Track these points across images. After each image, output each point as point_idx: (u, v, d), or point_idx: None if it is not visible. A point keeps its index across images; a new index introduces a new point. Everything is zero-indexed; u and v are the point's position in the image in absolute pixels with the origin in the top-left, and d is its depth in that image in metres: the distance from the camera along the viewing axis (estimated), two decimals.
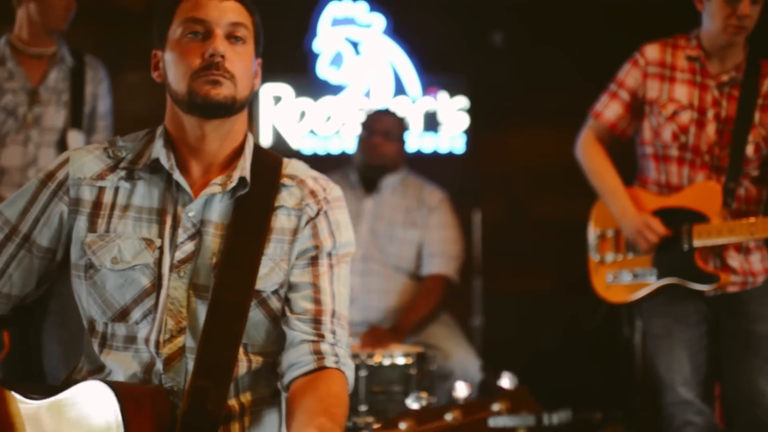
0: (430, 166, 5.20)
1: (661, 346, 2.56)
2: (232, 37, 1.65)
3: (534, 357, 5.01)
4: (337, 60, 5.22)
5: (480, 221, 4.38)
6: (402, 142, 3.43)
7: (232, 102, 1.64)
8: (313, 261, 1.69)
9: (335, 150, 5.06)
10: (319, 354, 1.62)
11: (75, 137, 3.02)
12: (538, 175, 5.13)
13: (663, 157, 2.55)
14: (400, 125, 3.49)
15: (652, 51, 2.60)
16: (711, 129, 2.49)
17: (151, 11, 1.84)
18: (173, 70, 1.66)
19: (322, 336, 1.64)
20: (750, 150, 2.47)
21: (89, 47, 3.61)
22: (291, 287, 1.68)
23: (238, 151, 1.71)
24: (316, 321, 1.65)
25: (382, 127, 3.38)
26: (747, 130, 2.47)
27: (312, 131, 5.24)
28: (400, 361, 2.64)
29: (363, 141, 3.53)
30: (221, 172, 1.68)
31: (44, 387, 1.70)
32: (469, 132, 5.16)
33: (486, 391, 3.81)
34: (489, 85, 5.27)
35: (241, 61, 1.66)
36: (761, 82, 2.51)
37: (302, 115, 5.27)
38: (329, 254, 1.70)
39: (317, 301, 1.66)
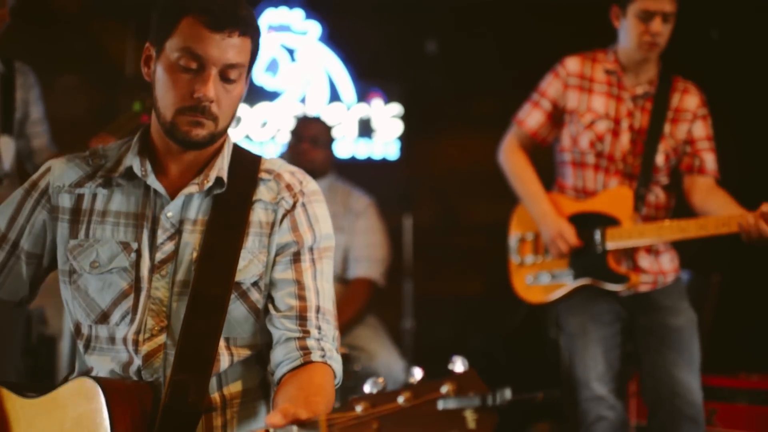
0: (364, 171, 5.29)
1: (577, 344, 2.68)
2: (225, 78, 1.64)
3: (465, 358, 5.14)
4: (272, 66, 5.27)
5: (411, 225, 4.48)
6: (330, 149, 3.53)
7: (210, 139, 1.68)
8: (296, 257, 1.71)
9: (271, 156, 5.10)
10: (305, 350, 1.65)
11: (6, 143, 3.01)
12: (469, 181, 5.27)
13: (580, 164, 2.69)
14: (328, 132, 3.58)
15: (572, 63, 2.73)
16: (625, 138, 2.63)
17: (86, 11, 1.83)
18: (161, 92, 1.66)
19: (307, 332, 1.67)
20: (660, 159, 2.62)
21: (23, 49, 3.61)
22: (274, 285, 1.70)
23: (217, 151, 1.74)
24: (302, 318, 1.68)
25: (309, 134, 3.47)
26: (657, 140, 2.62)
27: (247, 137, 5.29)
28: None
29: (291, 147, 3.63)
30: (199, 172, 1.71)
31: (39, 386, 1.74)
32: (403, 138, 5.27)
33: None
34: (422, 92, 5.39)
35: (228, 99, 1.67)
36: (672, 96, 2.66)
37: (237, 120, 5.31)
38: (311, 249, 1.72)
39: (301, 298, 1.68)
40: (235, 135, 5.29)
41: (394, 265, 4.46)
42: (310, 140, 3.41)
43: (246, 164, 1.76)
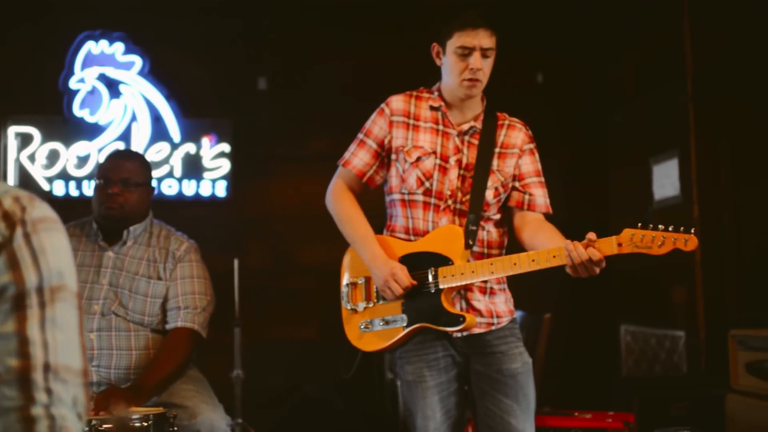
0: (191, 211, 5.05)
1: (414, 392, 2.56)
2: None
3: (300, 405, 4.95)
4: (92, 101, 4.96)
5: (239, 268, 4.27)
6: (146, 188, 3.13)
7: None
8: (16, 303, 1.37)
9: (90, 193, 4.77)
10: (29, 421, 1.32)
11: None
12: (301, 222, 5.12)
13: (410, 203, 2.59)
14: (142, 169, 3.13)
15: (397, 101, 2.65)
16: (453, 174, 2.56)
17: None
18: None
19: (32, 398, 1.34)
20: (489, 195, 2.56)
21: None
22: None
23: None
24: (24, 380, 1.35)
25: (121, 176, 3.04)
26: (486, 176, 2.56)
27: (65, 173, 4.95)
28: (136, 424, 2.43)
29: (100, 189, 3.07)
30: None
31: None
32: (232, 177, 5.06)
33: None
34: (252, 129, 5.22)
35: None
36: (498, 132, 2.62)
37: (55, 156, 4.96)
38: (38, 290, 1.38)
39: (24, 355, 1.35)
40: (51, 171, 4.94)
41: (222, 311, 4.24)
42: (121, 182, 3.05)
43: None
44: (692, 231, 2.27)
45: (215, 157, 5.05)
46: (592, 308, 5.35)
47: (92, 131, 4.97)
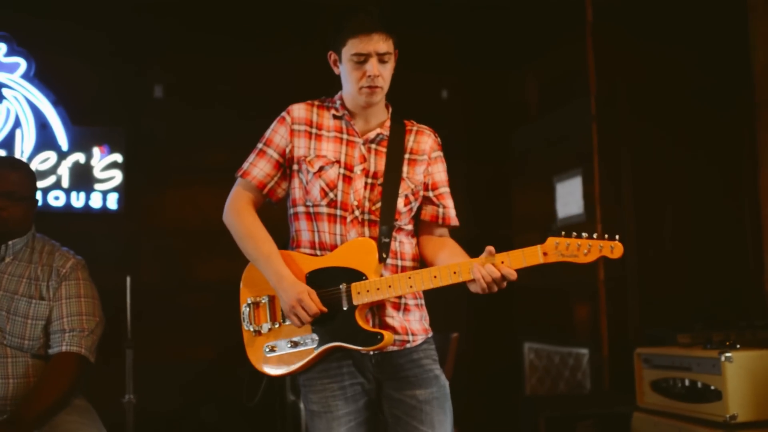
0: (80, 224, 4.75)
1: (320, 423, 2.39)
2: None
3: (198, 431, 4.70)
4: None
5: (132, 285, 4.01)
6: (31, 202, 2.83)
7: None
8: None
9: None
10: None
11: None
12: (197, 236, 4.88)
13: (315, 215, 2.43)
14: (27, 181, 2.84)
15: (298, 110, 2.50)
16: (359, 184, 2.42)
17: None
18: None
19: None
20: (401, 203, 2.42)
21: None
22: None
23: None
24: None
25: (5, 188, 2.75)
26: (397, 184, 2.43)
27: None
28: None
29: None
30: None
31: None
32: (124, 189, 4.79)
33: None
34: (147, 140, 4.96)
35: None
36: (406, 138, 2.50)
37: None
38: None
39: None
40: None
41: (113, 331, 3.96)
42: (6, 195, 2.74)
43: None
44: (617, 238, 2.17)
45: (107, 167, 4.77)
46: (496, 327, 5.31)
47: None
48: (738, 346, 3.32)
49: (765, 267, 4.23)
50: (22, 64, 4.66)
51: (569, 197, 4.86)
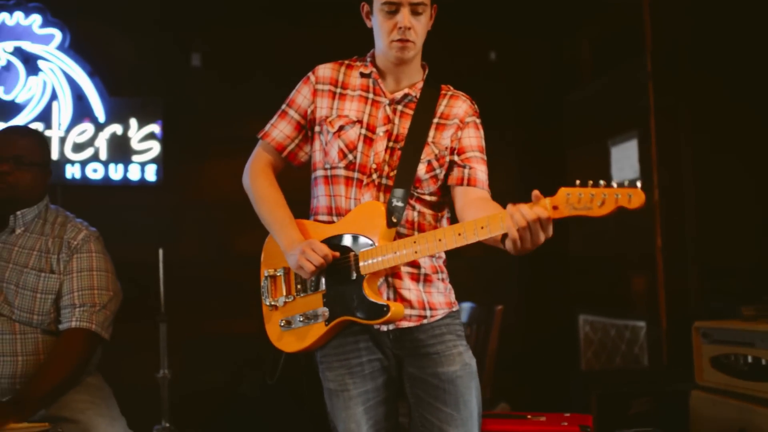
0: (119, 196, 4.68)
1: (337, 402, 2.24)
2: None
3: (237, 407, 4.61)
4: (7, 77, 4.56)
5: (170, 258, 3.91)
6: (42, 168, 2.72)
7: None
8: None
9: None
10: None
11: None
12: (238, 208, 4.74)
13: (332, 178, 2.26)
14: (40, 149, 2.75)
15: (323, 69, 2.35)
16: (380, 146, 2.23)
17: None
18: None
19: None
20: (422, 169, 2.22)
21: None
22: None
23: None
24: None
25: (11, 152, 2.66)
26: (420, 149, 2.23)
27: None
28: None
29: None
30: None
31: None
32: (163, 160, 4.68)
33: None
34: (186, 109, 4.85)
35: None
36: (439, 102, 2.29)
37: None
38: None
39: None
40: None
41: (151, 304, 3.88)
42: (12, 159, 2.64)
43: None
44: (637, 185, 1.82)
45: (144, 138, 4.68)
46: (549, 298, 5.08)
47: (8, 110, 4.57)
48: None
49: None
50: (57, 35, 4.58)
51: (624, 161, 4.59)
